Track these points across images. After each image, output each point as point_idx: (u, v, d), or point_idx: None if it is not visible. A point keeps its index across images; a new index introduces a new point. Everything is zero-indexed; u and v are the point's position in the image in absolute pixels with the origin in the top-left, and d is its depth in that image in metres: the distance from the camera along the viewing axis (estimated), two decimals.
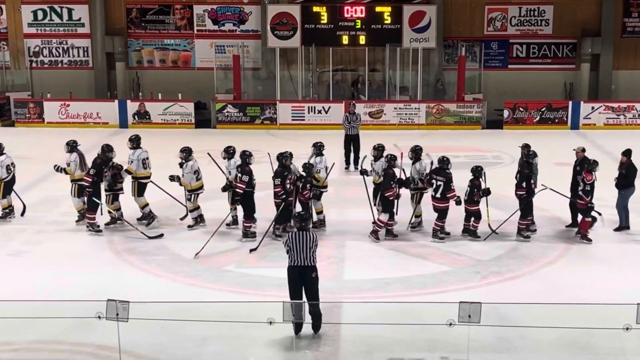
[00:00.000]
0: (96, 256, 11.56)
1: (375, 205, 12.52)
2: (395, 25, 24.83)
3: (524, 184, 11.95)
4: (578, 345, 8.34)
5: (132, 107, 24.10)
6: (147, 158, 13.13)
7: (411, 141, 17.51)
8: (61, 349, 8.32)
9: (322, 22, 24.94)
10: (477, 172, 12.09)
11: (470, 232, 12.19)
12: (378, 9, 24.90)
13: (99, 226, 12.50)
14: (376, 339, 8.47)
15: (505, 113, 23.88)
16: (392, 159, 12.04)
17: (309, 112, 23.87)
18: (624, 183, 12.36)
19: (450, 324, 7.01)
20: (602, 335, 8.24)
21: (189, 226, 12.83)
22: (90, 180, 12.19)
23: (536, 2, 25.72)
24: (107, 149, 12.57)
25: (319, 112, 23.77)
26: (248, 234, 12.13)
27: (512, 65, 26.23)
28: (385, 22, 24.90)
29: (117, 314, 6.97)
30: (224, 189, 12.60)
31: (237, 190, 12.05)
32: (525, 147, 12.73)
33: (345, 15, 24.85)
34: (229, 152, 12.76)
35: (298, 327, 8.33)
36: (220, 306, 9.19)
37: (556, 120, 23.69)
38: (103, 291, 9.04)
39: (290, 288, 8.50)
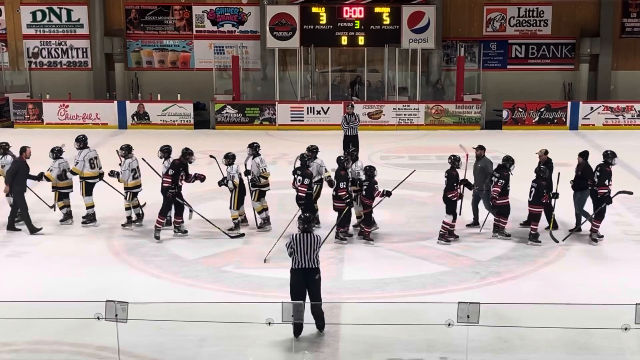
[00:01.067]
0: (95, 257, 11.56)
1: (253, 198, 12.65)
2: (394, 25, 24.82)
3: (606, 182, 11.85)
4: (577, 345, 8.34)
5: (131, 108, 24.09)
6: (96, 158, 13.16)
7: (411, 141, 17.56)
8: (60, 350, 8.32)
9: (321, 22, 24.93)
10: (544, 172, 11.96)
11: (530, 236, 12.02)
12: (377, 9, 24.88)
13: (185, 230, 12.48)
14: (375, 339, 8.48)
15: (504, 113, 23.88)
16: (455, 160, 11.98)
17: (308, 113, 23.87)
18: (580, 184, 12.37)
19: (449, 324, 7.02)
20: (601, 335, 8.25)
21: (123, 225, 12.88)
22: (170, 181, 12.16)
23: (535, 3, 25.73)
24: (187, 152, 12.58)
25: (318, 112, 23.77)
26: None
27: (511, 65, 26.23)
28: (384, 22, 24.89)
29: (116, 315, 6.97)
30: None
31: (300, 194, 11.96)
32: (610, 154, 12.30)
33: (344, 15, 24.84)
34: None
35: (298, 329, 8.33)
36: (220, 307, 9.20)
37: (555, 121, 23.70)
38: (102, 292, 9.04)
39: (293, 290, 8.49)
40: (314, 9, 24.91)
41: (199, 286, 10.31)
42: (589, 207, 12.29)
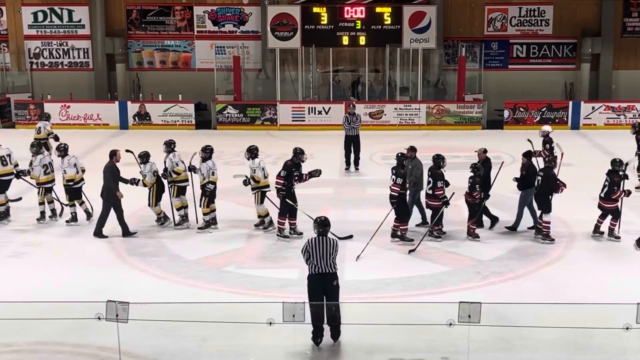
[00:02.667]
0: (96, 257, 11.56)
1: (200, 206, 12.68)
2: (395, 25, 24.82)
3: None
4: (578, 345, 8.34)
5: (132, 108, 24.11)
6: (51, 162, 13.25)
7: (413, 142, 17.54)
8: (61, 350, 8.32)
9: (322, 22, 24.94)
10: (617, 165, 12.04)
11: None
12: (378, 9, 24.89)
13: (301, 232, 12.36)
14: (376, 340, 8.48)
15: (506, 113, 23.87)
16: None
17: (309, 113, 23.87)
18: (525, 184, 12.47)
19: (451, 324, 7.01)
20: (602, 335, 8.24)
21: (38, 219, 13.03)
22: (282, 182, 12.13)
23: (536, 2, 25.71)
24: (299, 152, 12.58)
25: (319, 112, 23.77)
26: (404, 237, 12.08)
27: (513, 65, 26.22)
28: (385, 22, 24.89)
29: (117, 315, 6.97)
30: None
31: (393, 193, 11.93)
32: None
33: (345, 16, 24.85)
34: (142, 157, 12.80)
35: (318, 334, 8.23)
36: (221, 307, 9.19)
37: (556, 120, 23.67)
38: (103, 292, 9.04)
39: (311, 297, 8.24)
40: (315, 9, 24.92)
41: (200, 286, 10.31)
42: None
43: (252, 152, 12.77)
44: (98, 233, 12.36)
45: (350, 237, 12.18)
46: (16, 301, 9.06)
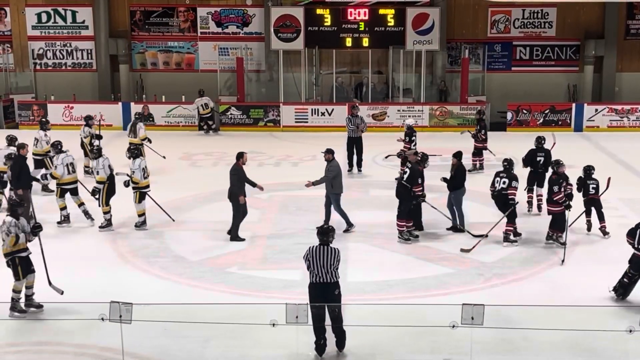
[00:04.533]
0: (99, 258, 11.58)
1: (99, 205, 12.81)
2: (399, 27, 24.83)
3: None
4: (581, 347, 8.33)
5: (135, 109, 24.08)
6: (73, 162, 13.22)
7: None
8: (65, 351, 8.33)
9: (325, 24, 24.96)
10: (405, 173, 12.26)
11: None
12: (381, 11, 24.89)
13: (417, 236, 12.35)
14: (379, 341, 8.48)
15: (509, 115, 23.86)
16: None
17: (312, 115, 23.87)
18: (454, 184, 12.54)
19: (453, 326, 7.01)
20: (605, 337, 8.23)
21: (59, 222, 13.10)
22: (420, 188, 12.16)
23: (539, 5, 25.69)
24: (426, 157, 12.67)
25: (322, 114, 23.77)
26: (509, 239, 12.04)
27: (516, 67, 26.21)
28: (389, 24, 24.89)
29: (121, 316, 6.98)
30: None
31: (509, 197, 11.87)
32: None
33: (349, 17, 24.86)
34: (132, 152, 12.99)
35: (321, 348, 8.19)
36: (223, 308, 9.20)
37: (559, 122, 23.66)
38: (106, 293, 9.06)
39: (313, 308, 7.97)
40: (319, 11, 24.95)
41: (203, 287, 10.32)
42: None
43: (132, 153, 12.93)
44: (235, 237, 12.23)
45: (486, 236, 12.15)
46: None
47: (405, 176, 12.11)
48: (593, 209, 12.45)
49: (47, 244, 12.12)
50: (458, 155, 12.89)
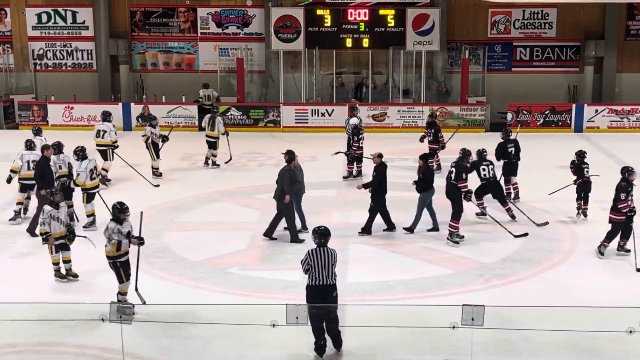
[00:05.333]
0: (100, 258, 11.53)
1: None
2: (399, 28, 24.83)
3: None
4: (581, 348, 8.33)
5: (135, 109, 24.10)
6: (95, 167, 13.14)
7: (415, 144, 17.56)
8: (65, 351, 8.34)
9: (325, 25, 24.96)
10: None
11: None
12: (382, 11, 24.89)
13: (463, 236, 12.26)
14: (379, 342, 8.48)
15: (509, 116, 23.85)
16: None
17: (312, 115, 23.87)
18: (423, 186, 12.53)
19: (454, 327, 7.02)
20: (605, 338, 8.24)
21: (85, 226, 12.96)
22: (466, 185, 12.15)
23: (540, 5, 25.68)
24: (468, 153, 12.63)
25: (322, 114, 23.77)
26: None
27: (516, 68, 26.19)
28: (389, 25, 24.89)
29: (121, 317, 6.99)
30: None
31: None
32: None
33: (349, 18, 24.86)
34: (78, 154, 12.85)
35: (321, 338, 8.18)
36: (224, 308, 9.21)
37: (560, 123, 23.66)
38: (107, 293, 9.08)
39: (311, 309, 7.98)
40: (319, 11, 24.94)
41: (203, 288, 10.32)
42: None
43: (78, 154, 12.87)
44: (295, 238, 12.13)
45: (526, 234, 12.23)
46: (20, 302, 9.09)
47: (453, 175, 12.13)
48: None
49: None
50: (424, 157, 12.87)
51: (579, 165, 13.11)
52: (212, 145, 17.72)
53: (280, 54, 24.93)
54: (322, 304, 8.05)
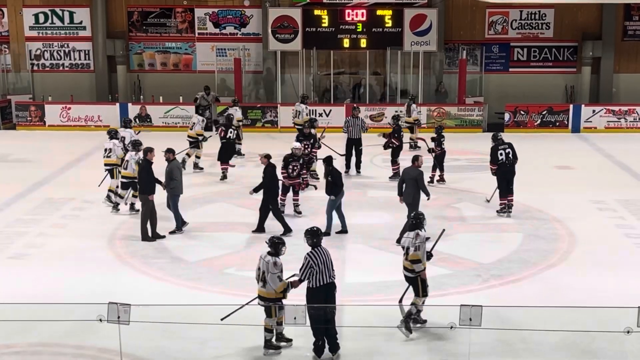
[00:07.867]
0: (98, 259, 11.57)
1: None
2: (396, 28, 24.83)
3: None
4: (579, 348, 8.34)
5: (133, 110, 24.09)
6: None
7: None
8: (63, 352, 8.33)
9: (323, 25, 24.94)
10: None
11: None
12: (379, 12, 24.88)
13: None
14: (377, 342, 8.49)
15: (506, 116, 23.87)
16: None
17: (310, 115, 23.82)
18: (332, 189, 12.52)
19: (452, 327, 7.02)
20: (603, 338, 8.25)
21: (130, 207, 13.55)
22: None
23: (537, 6, 25.69)
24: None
25: (320, 115, 23.74)
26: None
27: (513, 68, 26.19)
28: (386, 25, 24.89)
29: (119, 317, 6.98)
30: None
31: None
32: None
33: (346, 18, 24.85)
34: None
35: (320, 348, 8.18)
36: (222, 309, 9.20)
37: (557, 124, 23.68)
38: (104, 294, 9.06)
39: (314, 310, 7.95)
40: (316, 12, 24.93)
41: (201, 288, 10.32)
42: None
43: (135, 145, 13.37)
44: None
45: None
46: (17, 302, 9.07)
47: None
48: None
49: (47, 244, 12.21)
50: (328, 160, 12.75)
51: (494, 148, 13.43)
52: (196, 145, 17.77)
53: (277, 54, 24.92)
54: (324, 304, 8.08)
